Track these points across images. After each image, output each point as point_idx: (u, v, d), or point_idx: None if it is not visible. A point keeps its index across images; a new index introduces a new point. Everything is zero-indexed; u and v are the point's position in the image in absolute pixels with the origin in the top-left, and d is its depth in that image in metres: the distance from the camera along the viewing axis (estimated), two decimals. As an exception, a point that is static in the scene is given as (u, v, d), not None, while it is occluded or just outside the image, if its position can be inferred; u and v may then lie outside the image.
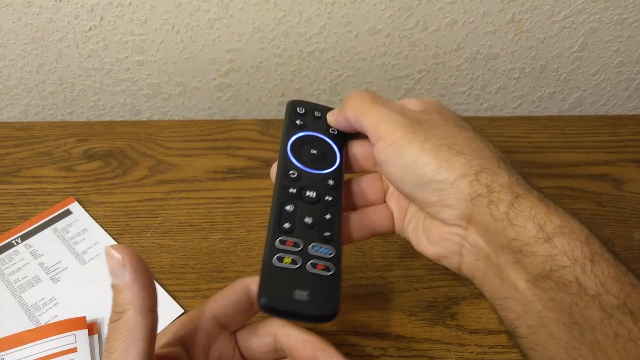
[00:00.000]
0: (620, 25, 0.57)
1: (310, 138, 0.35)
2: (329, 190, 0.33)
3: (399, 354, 0.38)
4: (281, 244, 0.30)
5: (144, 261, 0.25)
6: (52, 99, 0.61)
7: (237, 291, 0.31)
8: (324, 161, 0.34)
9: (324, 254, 0.30)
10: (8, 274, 0.44)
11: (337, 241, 0.31)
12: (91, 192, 0.50)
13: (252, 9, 0.54)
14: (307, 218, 0.31)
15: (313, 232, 0.31)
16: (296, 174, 0.33)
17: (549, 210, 0.26)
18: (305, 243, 0.30)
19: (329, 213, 0.32)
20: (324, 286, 0.28)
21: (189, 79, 0.60)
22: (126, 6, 0.53)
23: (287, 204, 0.32)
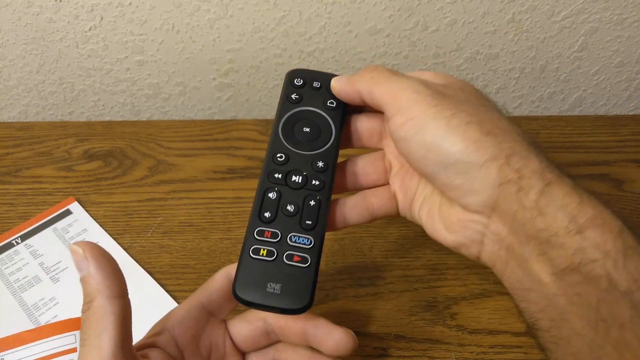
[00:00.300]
0: (620, 25, 0.57)
1: (305, 113, 0.33)
2: (317, 172, 0.31)
3: (399, 354, 0.38)
4: (259, 235, 0.29)
5: (105, 252, 0.26)
6: (52, 99, 0.61)
7: (219, 279, 0.31)
8: (317, 140, 0.32)
9: (302, 244, 0.29)
10: (8, 274, 0.44)
11: (319, 230, 0.30)
12: (91, 192, 0.50)
13: (252, 9, 0.54)
14: (289, 206, 0.30)
15: (294, 220, 0.30)
16: (284, 157, 0.31)
17: (582, 200, 0.25)
18: (284, 233, 0.29)
19: (314, 199, 0.30)
20: (299, 278, 0.28)
21: (189, 79, 0.60)
22: (126, 6, 0.53)
23: (270, 191, 0.30)
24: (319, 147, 0.32)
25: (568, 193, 0.25)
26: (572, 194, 0.25)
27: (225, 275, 0.31)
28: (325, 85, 0.34)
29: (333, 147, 0.32)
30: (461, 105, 0.28)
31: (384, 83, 0.30)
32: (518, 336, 0.39)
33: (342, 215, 0.33)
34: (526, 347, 0.38)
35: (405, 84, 0.29)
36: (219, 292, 0.31)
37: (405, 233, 0.46)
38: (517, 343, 0.39)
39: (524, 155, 0.26)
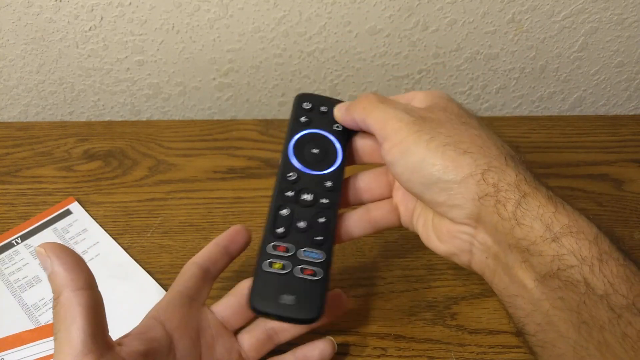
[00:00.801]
0: (620, 25, 0.57)
1: (313, 136, 0.35)
2: (325, 192, 0.33)
3: (399, 354, 0.38)
4: (273, 249, 0.31)
5: (68, 249, 0.27)
6: (52, 99, 0.61)
7: (188, 267, 0.34)
8: (324, 160, 0.34)
9: (314, 259, 0.31)
10: (8, 274, 0.44)
11: (329, 245, 0.32)
12: (91, 192, 0.50)
13: (252, 9, 0.54)
14: (300, 222, 0.32)
15: (305, 236, 0.32)
16: (295, 176, 0.33)
17: (556, 209, 0.26)
18: (296, 248, 0.31)
19: (323, 216, 0.32)
20: (310, 290, 0.30)
21: (189, 79, 0.60)
22: (126, 6, 0.53)
23: (283, 207, 0.32)
24: (326, 167, 0.34)
25: (543, 204, 0.26)
26: (547, 204, 0.26)
27: (193, 264, 0.34)
28: (331, 109, 0.36)
29: (340, 168, 0.34)
30: (440, 128, 0.30)
31: (374, 112, 0.32)
32: (518, 336, 0.39)
33: (347, 229, 0.35)
34: (522, 342, 0.38)
35: (391, 114, 0.31)
36: (192, 279, 0.33)
37: (405, 233, 0.46)
38: (517, 343, 0.39)
39: (501, 170, 0.28)
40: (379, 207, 0.36)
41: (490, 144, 0.29)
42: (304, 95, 0.37)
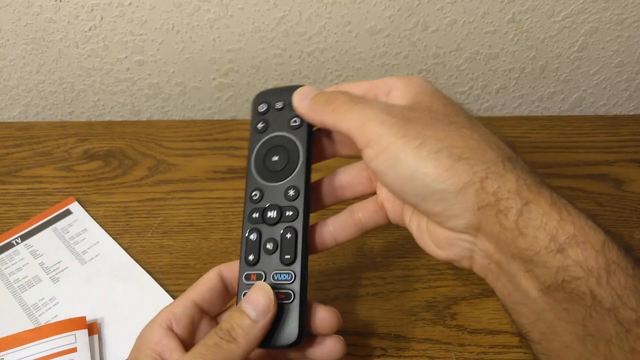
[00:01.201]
0: (620, 25, 0.57)
1: (272, 141, 0.32)
2: (289, 202, 0.31)
3: (399, 354, 0.38)
4: (247, 279, 0.30)
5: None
6: (52, 99, 0.61)
7: (211, 277, 0.32)
8: (286, 166, 0.31)
9: (284, 280, 0.29)
10: (8, 274, 0.44)
11: (299, 262, 0.30)
12: (91, 192, 0.50)
13: (252, 9, 0.54)
14: (269, 244, 0.30)
15: (275, 257, 0.30)
16: (258, 194, 0.31)
17: (561, 217, 0.24)
18: (267, 273, 0.30)
19: (289, 231, 0.30)
20: (286, 314, 0.29)
21: (189, 79, 0.60)
22: (126, 6, 0.53)
23: (251, 232, 0.31)
24: (288, 174, 0.31)
25: (546, 211, 0.25)
26: (550, 211, 0.25)
27: (218, 274, 0.32)
28: (288, 102, 0.32)
29: (302, 170, 0.31)
30: (428, 131, 0.27)
31: (348, 115, 0.29)
32: (518, 336, 0.39)
33: (331, 235, 0.33)
34: (526, 347, 0.38)
35: (370, 115, 0.28)
36: (212, 292, 0.31)
37: (405, 233, 0.46)
38: (518, 343, 0.39)
39: (500, 175, 0.26)
40: (364, 207, 0.33)
41: (484, 146, 0.27)
42: (259, 96, 0.33)
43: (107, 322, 0.40)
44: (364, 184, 0.34)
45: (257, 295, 0.28)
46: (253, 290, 0.28)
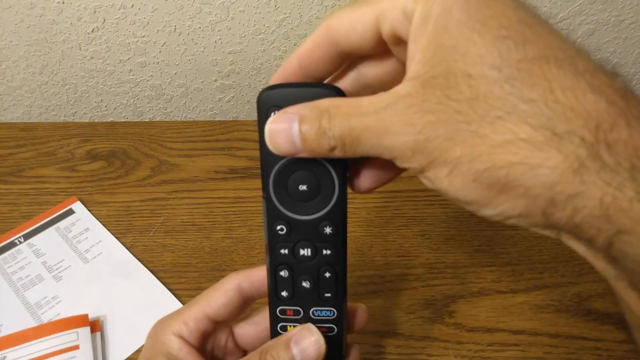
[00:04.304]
0: (617, 27, 0.57)
1: (295, 163, 0.25)
2: (326, 240, 0.27)
3: (398, 351, 0.39)
4: (282, 314, 0.29)
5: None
6: (55, 100, 0.62)
7: (228, 291, 0.30)
8: (318, 197, 0.26)
9: (326, 317, 0.29)
10: (11, 273, 0.44)
11: (340, 300, 0.29)
12: (94, 192, 0.51)
13: (253, 12, 0.54)
14: (304, 282, 0.28)
15: (313, 294, 0.28)
16: (285, 228, 0.27)
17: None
18: (305, 309, 0.29)
19: (328, 271, 0.28)
20: (329, 343, 0.28)
21: (190, 80, 0.60)
22: (129, 8, 0.53)
23: (281, 269, 0.28)
24: (321, 206, 0.26)
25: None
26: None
27: (235, 288, 0.30)
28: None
29: (339, 202, 0.26)
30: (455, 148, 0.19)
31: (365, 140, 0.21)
32: (516, 334, 0.39)
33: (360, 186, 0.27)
34: (524, 345, 0.39)
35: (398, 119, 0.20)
36: (227, 307, 0.30)
37: (403, 232, 0.47)
38: (515, 341, 0.39)
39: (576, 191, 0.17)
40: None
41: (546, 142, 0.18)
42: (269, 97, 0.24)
43: (109, 320, 0.41)
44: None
45: (309, 343, 0.27)
46: (305, 335, 0.27)
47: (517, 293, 0.42)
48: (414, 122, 0.19)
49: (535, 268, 0.44)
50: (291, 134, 0.22)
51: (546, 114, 0.18)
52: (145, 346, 0.29)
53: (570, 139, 0.17)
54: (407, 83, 0.20)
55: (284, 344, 0.27)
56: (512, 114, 0.18)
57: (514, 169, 0.18)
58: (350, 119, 0.21)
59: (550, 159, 0.17)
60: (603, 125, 0.17)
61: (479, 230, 0.47)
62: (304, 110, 0.22)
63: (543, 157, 0.17)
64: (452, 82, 0.19)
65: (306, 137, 0.22)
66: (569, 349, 0.39)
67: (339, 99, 0.22)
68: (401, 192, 0.50)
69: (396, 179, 0.27)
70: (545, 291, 0.42)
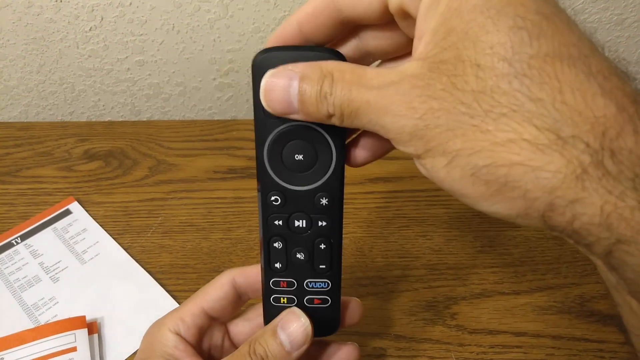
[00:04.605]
0: (620, 26, 0.57)
1: (291, 133, 0.24)
2: (322, 212, 0.26)
3: (399, 353, 0.38)
4: (275, 285, 0.29)
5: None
6: (52, 99, 0.61)
7: (223, 285, 0.30)
8: (315, 167, 0.25)
9: (320, 288, 0.28)
10: (8, 274, 0.44)
11: (334, 271, 0.28)
12: (91, 192, 0.50)
13: (252, 9, 0.54)
14: (298, 254, 0.28)
15: (307, 266, 0.28)
16: (280, 199, 0.26)
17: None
18: (299, 280, 0.28)
19: (324, 242, 0.27)
20: (323, 314, 0.29)
21: (189, 79, 0.60)
22: (126, 6, 0.53)
23: (274, 240, 0.27)
24: (318, 177, 0.26)
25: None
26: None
27: (230, 282, 0.30)
28: None
29: (337, 172, 0.26)
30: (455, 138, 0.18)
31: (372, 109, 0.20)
32: (518, 336, 0.39)
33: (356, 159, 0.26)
34: (526, 347, 0.38)
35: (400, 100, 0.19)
36: (223, 301, 0.30)
37: (405, 233, 0.46)
38: (517, 343, 0.39)
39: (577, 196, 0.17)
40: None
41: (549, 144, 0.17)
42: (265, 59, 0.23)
43: (106, 321, 0.40)
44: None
45: (296, 327, 0.27)
46: (290, 319, 0.27)
47: (519, 294, 0.42)
48: (416, 106, 0.19)
49: (538, 269, 0.43)
50: (289, 92, 0.21)
51: (553, 116, 0.17)
52: (140, 348, 0.29)
53: (575, 144, 0.17)
54: (414, 63, 0.20)
55: (271, 331, 0.27)
56: (518, 112, 0.17)
57: (514, 169, 0.17)
58: (351, 88, 0.20)
59: (553, 162, 0.17)
60: (610, 132, 0.17)
61: (481, 231, 0.46)
62: (306, 68, 0.21)
63: (545, 160, 0.17)
64: (460, 70, 0.18)
65: (305, 98, 0.21)
66: (571, 350, 0.38)
67: (345, 63, 0.21)
68: (402, 192, 0.50)
69: (397, 179, 0.27)
70: (547, 292, 0.42)
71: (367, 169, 0.53)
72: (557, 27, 0.18)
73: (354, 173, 0.51)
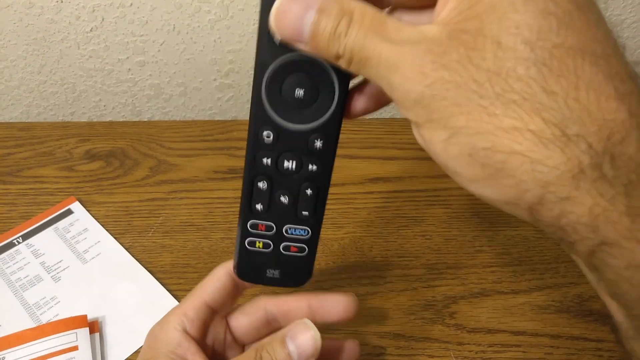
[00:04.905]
0: (619, 27, 0.57)
1: (295, 64, 0.23)
2: (314, 154, 0.25)
3: (398, 352, 0.39)
4: (253, 228, 0.27)
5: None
6: (53, 100, 0.62)
7: (220, 276, 0.31)
8: (314, 105, 0.24)
9: (299, 235, 0.27)
10: (9, 273, 0.44)
11: (316, 220, 0.27)
12: (93, 192, 0.50)
13: (253, 10, 0.54)
14: (282, 197, 0.26)
15: (289, 211, 0.26)
16: (272, 135, 0.24)
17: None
18: (279, 225, 0.27)
19: (310, 187, 0.26)
20: (297, 264, 0.28)
21: (189, 79, 0.60)
22: (127, 7, 0.53)
23: (259, 179, 0.26)
24: (315, 116, 0.24)
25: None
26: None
27: (227, 273, 0.31)
28: None
29: (335, 114, 0.24)
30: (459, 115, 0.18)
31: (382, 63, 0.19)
32: (517, 335, 0.39)
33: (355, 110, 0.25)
34: (525, 346, 0.39)
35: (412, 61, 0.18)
36: (222, 292, 0.30)
37: (404, 233, 0.47)
38: (516, 342, 0.39)
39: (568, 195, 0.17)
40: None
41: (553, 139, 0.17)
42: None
43: (108, 320, 0.41)
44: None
45: (305, 338, 0.27)
46: (300, 330, 0.27)
47: (518, 294, 0.42)
48: (427, 72, 0.18)
49: (537, 269, 0.44)
50: (302, 20, 0.19)
51: (563, 112, 0.17)
52: (143, 348, 0.29)
53: (578, 143, 0.17)
54: (435, 26, 0.19)
55: (280, 340, 0.27)
56: (529, 101, 0.17)
57: (513, 157, 0.17)
58: (367, 35, 0.19)
59: (552, 158, 0.17)
60: (615, 137, 0.17)
61: (480, 230, 0.46)
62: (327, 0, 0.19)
63: (546, 154, 0.17)
64: (480, 45, 0.17)
65: (318, 31, 0.19)
66: (570, 349, 0.38)
67: (368, 6, 0.20)
68: (402, 192, 0.50)
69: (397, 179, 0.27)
70: (546, 292, 0.42)
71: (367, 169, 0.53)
72: (587, 20, 0.17)
73: (353, 173, 0.51)
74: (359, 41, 0.19)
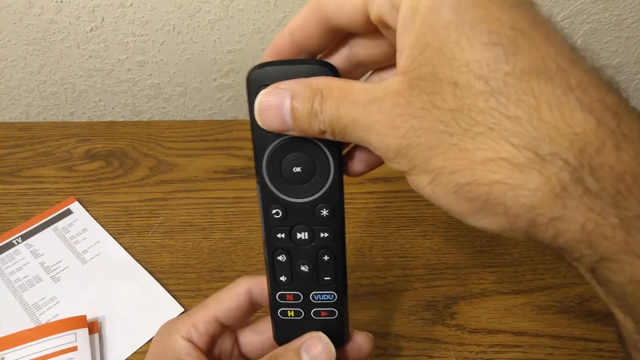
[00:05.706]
0: (619, 26, 0.57)
1: (289, 146, 0.25)
2: (323, 223, 0.27)
3: (399, 353, 0.38)
4: (282, 299, 0.29)
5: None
6: (53, 100, 0.61)
7: (239, 295, 0.30)
8: (313, 179, 0.26)
9: (326, 300, 0.29)
10: (9, 274, 0.44)
11: (340, 283, 0.29)
12: (92, 192, 0.50)
13: (253, 10, 0.54)
14: (302, 267, 0.28)
15: (312, 279, 0.28)
16: (281, 212, 0.26)
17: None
18: (305, 293, 0.28)
19: (327, 254, 0.27)
20: (330, 326, 0.29)
21: (189, 79, 0.60)
22: (127, 7, 0.53)
23: (278, 253, 0.27)
24: (317, 189, 0.26)
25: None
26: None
27: (246, 292, 0.30)
28: None
29: (335, 184, 0.26)
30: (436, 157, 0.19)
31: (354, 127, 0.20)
32: (517, 335, 0.39)
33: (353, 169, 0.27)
34: (525, 347, 0.39)
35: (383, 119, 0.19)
36: (237, 311, 0.30)
37: (404, 233, 0.46)
38: (517, 342, 0.39)
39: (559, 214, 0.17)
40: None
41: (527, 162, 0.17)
42: (258, 74, 0.23)
43: (107, 321, 0.40)
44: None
45: (320, 351, 0.27)
46: (315, 343, 0.27)
47: (518, 294, 0.42)
48: (398, 125, 0.19)
49: (537, 269, 0.43)
50: (282, 111, 0.21)
51: (530, 134, 0.17)
52: (151, 351, 0.29)
53: (553, 161, 0.17)
54: (396, 79, 0.20)
55: (295, 352, 0.27)
56: (495, 130, 0.17)
57: (495, 187, 0.17)
58: (339, 106, 0.20)
59: (531, 181, 0.17)
60: (589, 148, 0.16)
61: (480, 230, 0.46)
62: (297, 86, 0.21)
63: (524, 178, 0.17)
64: (438, 88, 0.18)
65: (297, 116, 0.21)
66: (571, 350, 0.38)
67: (334, 79, 0.21)
68: (402, 192, 0.50)
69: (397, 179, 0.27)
70: (547, 292, 0.42)
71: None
72: (533, 41, 0.17)
73: (354, 173, 0.51)
74: (334, 113, 0.20)
